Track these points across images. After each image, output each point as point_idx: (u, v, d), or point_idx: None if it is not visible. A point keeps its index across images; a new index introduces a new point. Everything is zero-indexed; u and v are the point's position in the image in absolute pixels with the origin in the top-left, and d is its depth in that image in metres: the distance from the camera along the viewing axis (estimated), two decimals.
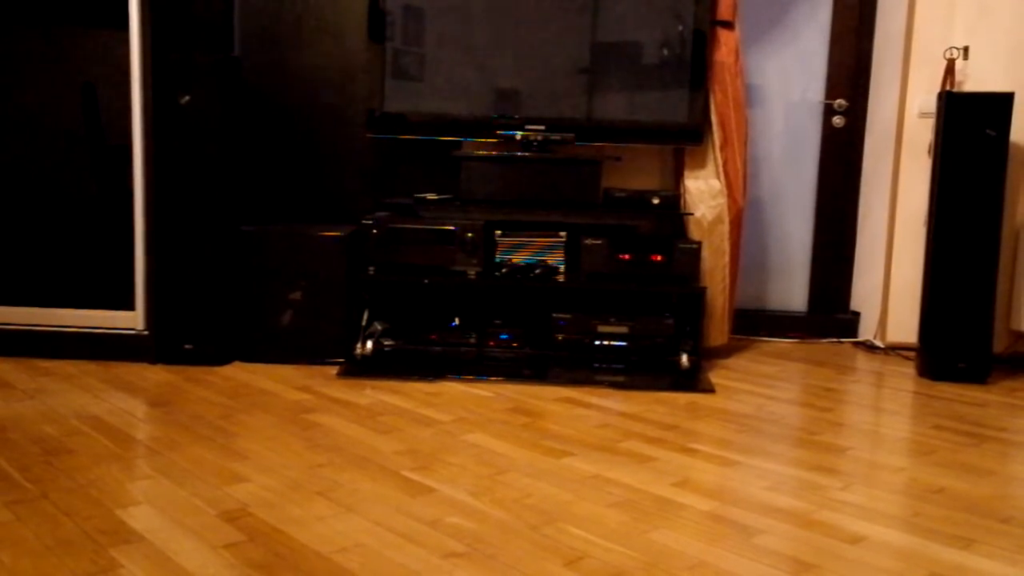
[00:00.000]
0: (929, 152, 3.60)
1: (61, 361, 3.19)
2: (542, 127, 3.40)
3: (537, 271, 3.36)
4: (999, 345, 3.54)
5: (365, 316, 3.33)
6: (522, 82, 3.43)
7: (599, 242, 3.30)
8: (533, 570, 1.66)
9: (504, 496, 2.03)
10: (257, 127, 3.69)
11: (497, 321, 3.46)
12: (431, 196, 3.47)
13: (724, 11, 3.43)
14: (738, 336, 3.93)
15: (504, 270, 3.36)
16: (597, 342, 3.33)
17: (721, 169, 3.49)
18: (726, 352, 3.67)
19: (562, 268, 3.40)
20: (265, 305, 3.29)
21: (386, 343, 3.37)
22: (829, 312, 4.10)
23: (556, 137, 3.39)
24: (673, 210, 3.42)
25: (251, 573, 1.62)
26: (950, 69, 3.52)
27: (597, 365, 3.29)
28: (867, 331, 3.93)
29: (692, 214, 3.49)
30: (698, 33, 3.39)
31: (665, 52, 3.41)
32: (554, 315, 3.33)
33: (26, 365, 3.13)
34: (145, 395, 2.80)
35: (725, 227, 3.49)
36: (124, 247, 3.22)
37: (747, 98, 3.66)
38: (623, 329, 3.33)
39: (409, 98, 3.43)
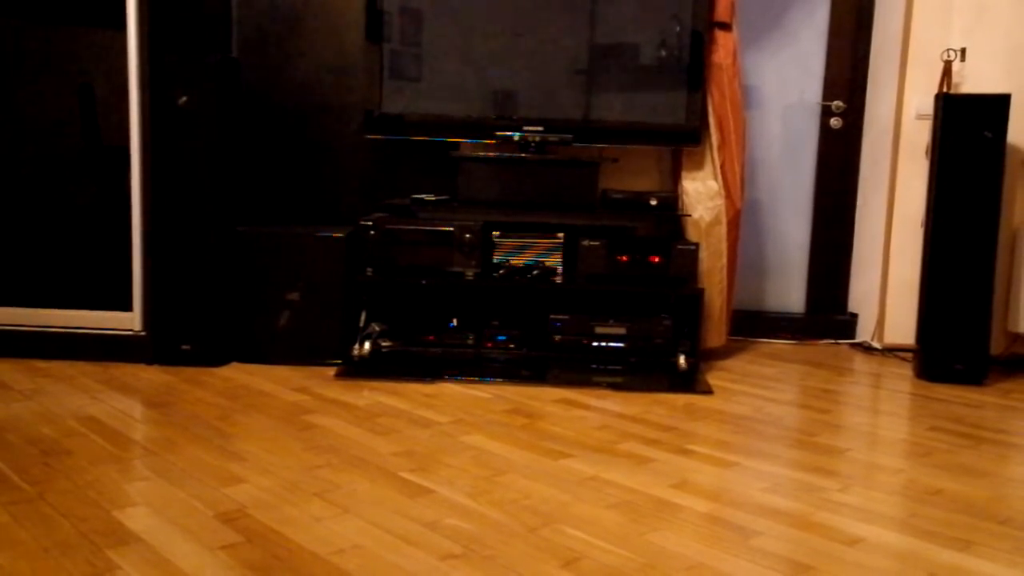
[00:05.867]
0: (926, 154, 3.61)
1: (58, 362, 3.19)
2: (540, 128, 3.40)
3: (535, 272, 3.36)
4: (996, 347, 3.54)
5: (363, 317, 3.33)
6: (520, 83, 3.43)
7: (597, 243, 3.30)
8: (531, 571, 1.66)
9: (502, 497, 2.02)
10: (255, 128, 3.68)
11: (495, 322, 3.46)
12: (429, 197, 3.47)
13: (722, 13, 3.43)
14: (736, 337, 3.93)
15: (502, 271, 3.36)
16: (595, 343, 3.33)
17: (719, 170, 3.49)
18: (724, 353, 3.67)
19: (560, 269, 3.39)
20: (263, 306, 3.29)
21: (384, 344, 3.37)
22: (827, 313, 4.10)
23: (554, 138, 3.39)
24: (671, 211, 3.42)
25: (248, 574, 1.61)
26: (947, 71, 3.53)
27: (595, 366, 3.29)
28: (864, 332, 3.94)
29: (690, 215, 3.49)
30: (696, 34, 3.39)
31: (663, 53, 3.41)
32: (552, 316, 3.33)
33: (23, 366, 3.13)
34: (142, 396, 2.80)
35: (723, 228, 3.50)
36: (121, 248, 3.22)
37: (745, 99, 3.66)
38: (621, 330, 3.33)
39: (407, 99, 3.43)
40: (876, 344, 3.83)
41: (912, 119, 3.67)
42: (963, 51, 3.53)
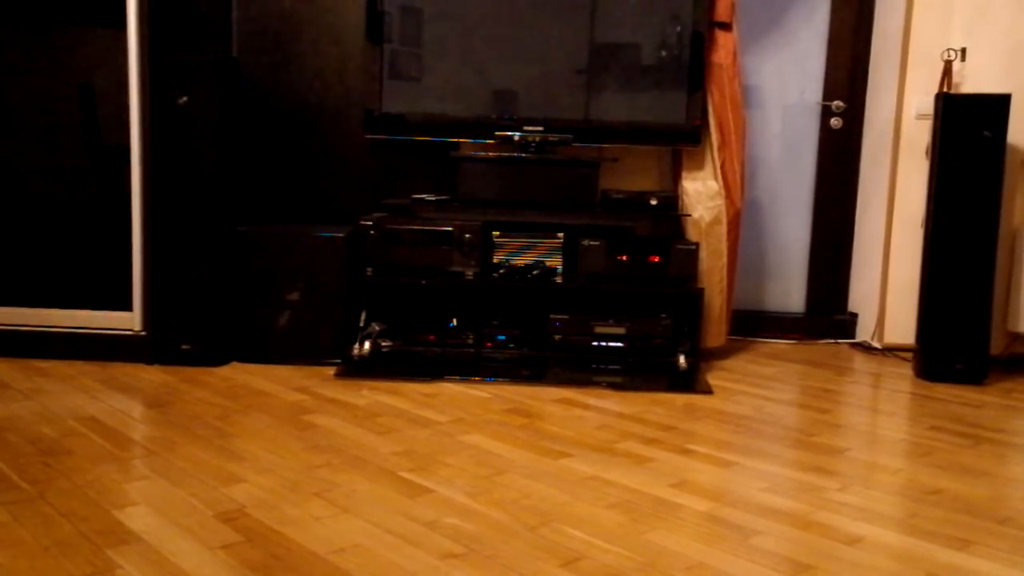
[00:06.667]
0: (927, 154, 3.61)
1: (58, 361, 3.19)
2: (540, 128, 3.40)
3: (535, 272, 3.36)
4: (996, 346, 3.54)
5: (363, 317, 3.33)
6: (520, 83, 3.43)
7: (597, 243, 3.30)
8: (530, 571, 1.66)
9: (502, 497, 2.03)
10: (255, 128, 3.68)
11: (495, 322, 3.46)
12: (429, 197, 3.47)
13: (722, 13, 3.43)
14: (736, 337, 3.93)
15: (502, 271, 3.36)
16: (595, 343, 3.33)
17: (719, 170, 3.49)
18: (724, 353, 3.67)
19: (560, 269, 3.40)
20: (263, 306, 3.29)
21: (384, 344, 3.37)
22: (827, 313, 4.10)
23: (554, 138, 3.39)
24: (671, 211, 3.42)
25: (248, 574, 1.61)
26: (947, 71, 3.53)
27: (595, 366, 3.29)
28: (864, 332, 3.94)
29: (690, 215, 3.49)
30: (696, 35, 3.40)
31: (663, 53, 3.41)
32: (552, 316, 3.33)
33: (23, 365, 3.13)
34: (142, 396, 2.80)
35: (723, 228, 3.50)
36: (121, 248, 3.22)
37: (745, 99, 3.66)
38: (621, 330, 3.33)
39: (407, 99, 3.43)
40: (876, 344, 3.83)
41: (912, 119, 3.67)
42: (963, 51, 3.53)
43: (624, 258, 3.30)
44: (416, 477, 2.14)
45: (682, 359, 3.24)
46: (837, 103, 4.00)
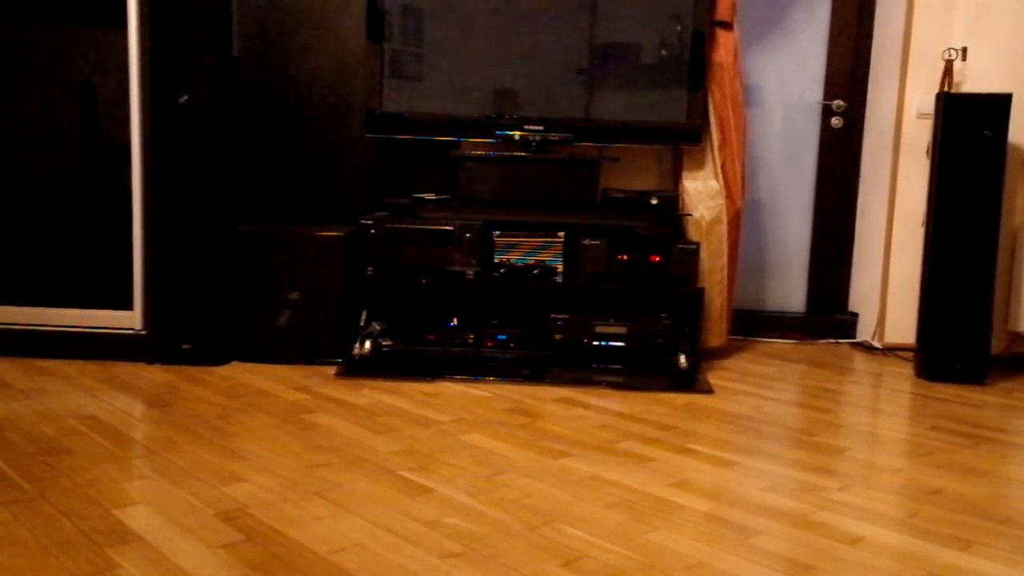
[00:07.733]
0: (927, 153, 3.61)
1: (59, 361, 3.19)
2: (541, 127, 3.40)
3: (535, 271, 3.36)
4: (997, 346, 3.54)
5: (363, 316, 3.33)
6: (521, 82, 3.43)
7: (597, 242, 3.30)
8: (531, 570, 1.66)
9: (502, 496, 2.03)
10: (256, 127, 3.68)
11: (495, 321, 3.46)
12: (429, 196, 3.47)
13: (723, 12, 3.43)
14: (736, 337, 3.93)
15: (502, 270, 3.36)
16: (595, 342, 3.33)
17: (719, 170, 3.49)
18: (724, 353, 3.67)
19: (560, 268, 3.39)
20: (263, 305, 3.29)
21: (384, 343, 3.37)
22: (827, 313, 4.10)
23: (555, 137, 3.39)
24: (671, 211, 3.42)
25: (249, 573, 1.61)
26: (948, 70, 3.53)
27: (595, 365, 3.29)
28: (865, 332, 3.93)
29: (690, 215, 3.49)
30: (697, 34, 3.39)
31: (664, 53, 3.41)
32: (552, 315, 3.33)
33: (24, 365, 3.13)
34: (143, 395, 2.80)
35: (723, 228, 3.50)
36: (122, 246, 3.22)
37: (745, 99, 3.66)
38: (621, 329, 3.33)
39: (408, 98, 3.43)
40: (876, 343, 3.83)
41: (913, 118, 3.67)
42: (964, 50, 3.53)
43: (625, 257, 3.30)
44: (416, 477, 2.14)
45: (683, 359, 3.23)
46: (838, 102, 4.00)
